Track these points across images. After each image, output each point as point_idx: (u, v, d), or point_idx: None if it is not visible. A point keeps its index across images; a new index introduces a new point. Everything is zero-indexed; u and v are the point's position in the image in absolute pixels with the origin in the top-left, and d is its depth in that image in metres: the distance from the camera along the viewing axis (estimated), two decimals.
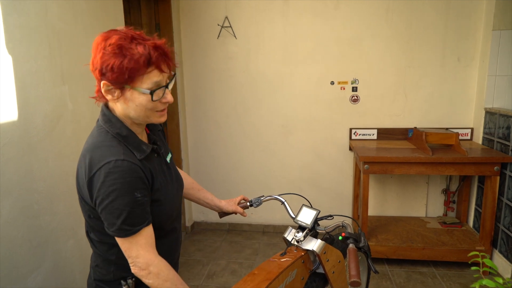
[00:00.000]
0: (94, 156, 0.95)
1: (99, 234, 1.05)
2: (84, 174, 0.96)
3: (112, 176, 0.92)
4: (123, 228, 0.94)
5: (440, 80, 3.07)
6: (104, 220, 0.96)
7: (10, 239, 1.39)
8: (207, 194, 1.49)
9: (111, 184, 0.92)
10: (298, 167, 3.38)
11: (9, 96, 1.39)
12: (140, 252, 0.96)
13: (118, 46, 0.91)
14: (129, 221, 0.94)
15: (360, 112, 3.21)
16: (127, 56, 0.91)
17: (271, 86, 3.27)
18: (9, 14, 1.38)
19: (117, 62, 0.90)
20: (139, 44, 0.92)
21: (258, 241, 3.31)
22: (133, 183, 0.94)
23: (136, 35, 0.94)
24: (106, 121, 1.01)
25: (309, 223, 1.34)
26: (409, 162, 2.63)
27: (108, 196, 0.92)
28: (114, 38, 0.92)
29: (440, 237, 2.86)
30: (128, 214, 0.93)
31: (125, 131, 1.00)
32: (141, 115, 0.99)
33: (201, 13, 3.23)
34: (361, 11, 3.04)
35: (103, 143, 0.97)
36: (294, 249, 1.35)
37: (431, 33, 3.00)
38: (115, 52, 0.91)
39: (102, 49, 0.92)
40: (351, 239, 1.28)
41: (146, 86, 0.95)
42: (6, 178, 1.38)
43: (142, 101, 0.96)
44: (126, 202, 0.93)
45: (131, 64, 0.91)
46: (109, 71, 0.92)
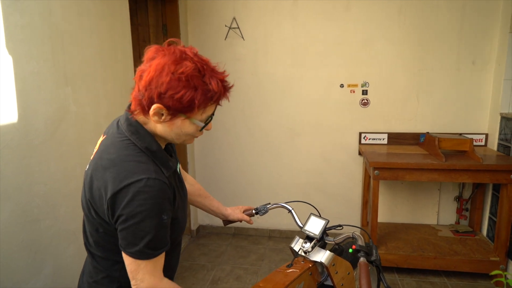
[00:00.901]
0: (121, 171, 0.88)
1: (104, 250, 0.99)
2: (106, 188, 0.88)
3: (143, 196, 0.86)
4: (145, 251, 0.88)
5: (454, 84, 2.97)
6: (122, 239, 0.90)
7: (9, 244, 1.36)
8: (213, 202, 1.46)
9: (140, 204, 0.85)
10: (306, 171, 3.31)
11: (8, 97, 1.35)
12: (146, 276, 0.91)
13: (191, 77, 0.86)
14: (153, 244, 0.89)
15: (370, 115, 3.13)
16: (199, 90, 0.87)
17: (279, 89, 3.21)
18: (10, 14, 1.35)
19: (188, 94, 0.86)
20: (212, 78, 0.89)
21: (264, 246, 3.25)
22: (162, 205, 0.89)
23: (205, 64, 0.90)
24: (133, 132, 0.93)
25: (318, 234, 1.28)
26: (421, 169, 2.54)
27: (134, 216, 0.86)
28: (188, 67, 0.86)
29: (452, 246, 2.77)
30: (152, 237, 0.88)
31: (155, 145, 0.94)
32: (180, 139, 0.97)
33: (208, 14, 3.19)
34: (373, 12, 2.97)
35: (130, 157, 0.90)
36: (302, 260, 1.29)
37: (445, 35, 2.91)
38: (188, 84, 0.86)
39: (171, 73, 0.85)
40: (362, 252, 1.20)
41: (201, 118, 0.93)
42: (6, 182, 1.34)
43: (190, 130, 0.95)
44: (153, 225, 0.87)
45: (201, 99, 0.88)
46: (174, 99, 0.86)
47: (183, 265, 2.93)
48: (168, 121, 0.91)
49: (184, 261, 3.00)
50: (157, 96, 0.87)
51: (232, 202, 3.39)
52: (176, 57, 0.87)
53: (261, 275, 2.77)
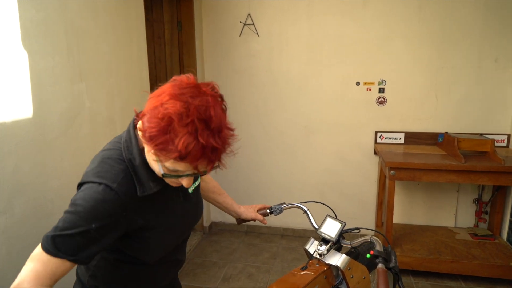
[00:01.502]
0: (93, 168, 0.87)
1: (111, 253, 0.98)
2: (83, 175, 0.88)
3: (90, 196, 0.81)
4: (49, 242, 0.80)
5: (475, 82, 2.88)
6: None
7: (22, 238, 1.37)
8: (227, 199, 1.44)
9: (83, 202, 0.81)
10: (320, 170, 3.26)
11: (24, 93, 1.36)
12: (31, 266, 0.81)
13: (167, 117, 0.75)
14: (60, 242, 0.80)
15: (386, 114, 3.06)
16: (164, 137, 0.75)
17: (294, 86, 3.17)
18: (26, 10, 1.35)
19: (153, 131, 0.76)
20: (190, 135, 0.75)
21: (276, 245, 3.22)
22: (100, 215, 0.81)
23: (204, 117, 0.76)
24: (126, 140, 0.90)
25: (334, 236, 1.24)
26: (439, 169, 2.47)
27: (72, 205, 0.82)
28: (173, 105, 0.75)
29: (471, 250, 2.69)
30: (65, 235, 0.80)
31: (138, 160, 0.87)
32: (155, 171, 0.87)
33: (223, 10, 3.17)
34: (392, 8, 2.89)
35: (110, 160, 0.87)
36: (316, 263, 1.26)
37: (467, 32, 2.81)
38: (159, 120, 0.75)
39: (160, 104, 0.77)
40: (381, 258, 1.15)
41: (166, 165, 0.80)
42: (20, 176, 1.36)
43: (155, 168, 0.85)
44: (76, 225, 0.80)
45: (161, 146, 0.76)
46: (145, 127, 0.77)
47: (195, 262, 2.93)
48: (145, 144, 0.82)
49: (196, 257, 3.01)
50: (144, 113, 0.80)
51: (245, 201, 3.38)
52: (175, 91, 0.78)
53: (273, 273, 2.75)
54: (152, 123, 0.76)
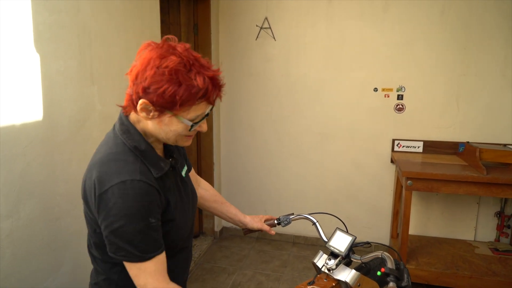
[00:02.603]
0: (107, 171, 0.86)
1: (102, 252, 0.96)
2: (93, 189, 0.87)
3: (127, 198, 0.83)
4: (134, 253, 0.86)
5: (500, 90, 2.76)
6: (108, 244, 0.87)
7: (29, 241, 1.37)
8: (230, 208, 1.37)
9: (124, 208, 0.83)
10: (335, 177, 3.19)
11: (34, 95, 1.36)
12: (149, 280, 0.87)
13: (175, 71, 0.82)
14: (142, 247, 0.86)
15: (405, 122, 2.97)
16: (183, 86, 0.83)
17: (310, 92, 3.12)
18: (39, 12, 1.35)
19: (171, 89, 0.82)
20: (199, 74, 0.84)
21: (287, 252, 3.16)
22: (148, 208, 0.86)
23: (193, 60, 0.85)
24: (124, 131, 0.92)
25: (343, 251, 1.19)
26: (459, 181, 2.37)
27: (119, 219, 0.83)
28: (172, 61, 0.83)
29: (491, 266, 2.56)
30: (140, 241, 0.85)
31: (144, 145, 0.92)
32: (170, 139, 0.92)
33: (240, 14, 3.14)
34: (413, 13, 2.81)
35: (118, 156, 0.89)
36: (324, 278, 1.20)
37: (492, 37, 2.70)
38: (171, 78, 0.82)
39: (155, 67, 0.83)
40: (392, 277, 1.09)
41: (189, 117, 0.88)
42: (29, 179, 1.35)
43: (178, 129, 0.90)
44: (140, 229, 0.85)
45: (185, 95, 0.83)
46: (157, 94, 0.83)
47: (204, 267, 2.90)
48: (157, 117, 0.87)
49: (206, 263, 2.98)
50: (142, 91, 0.85)
51: (258, 207, 3.34)
52: (162, 51, 0.84)
53: (283, 282, 2.69)
54: (162, 85, 0.82)
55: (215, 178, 3.31)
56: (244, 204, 3.37)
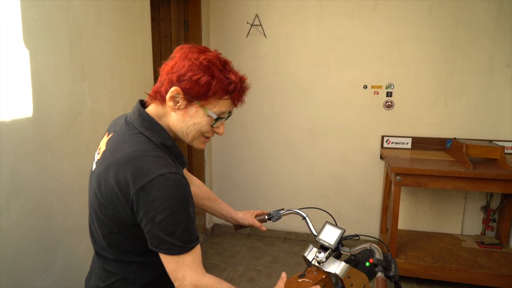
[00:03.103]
0: (142, 167, 0.86)
1: (119, 252, 0.97)
2: (127, 185, 0.85)
3: (168, 190, 0.85)
4: (178, 245, 0.87)
5: (486, 88, 2.82)
6: (153, 238, 0.87)
7: (20, 239, 1.36)
8: (222, 205, 1.38)
9: (167, 199, 0.84)
10: (325, 174, 3.22)
11: (24, 91, 1.35)
12: (187, 273, 0.89)
13: (212, 63, 0.90)
14: (184, 238, 0.88)
15: (394, 119, 3.01)
16: (217, 77, 0.89)
17: (301, 89, 3.14)
18: (28, 8, 1.34)
19: (205, 78, 0.89)
20: (232, 71, 0.93)
21: (278, 248, 3.19)
22: (187, 198, 0.88)
23: (226, 60, 0.94)
24: (148, 128, 0.93)
25: (333, 244, 1.21)
26: (446, 176, 2.42)
27: (162, 212, 0.84)
28: (209, 55, 0.91)
29: (477, 259, 2.63)
30: (183, 231, 0.87)
31: (170, 141, 0.95)
32: (190, 134, 0.95)
33: (231, 11, 3.14)
34: (402, 11, 2.84)
35: (148, 152, 0.89)
36: (315, 271, 1.23)
37: (479, 36, 2.75)
38: (208, 68, 0.89)
39: (194, 58, 0.90)
40: (380, 267, 1.12)
41: (214, 110, 0.93)
42: (19, 176, 1.34)
43: (202, 122, 0.94)
44: (182, 218, 0.87)
45: (218, 85, 0.90)
46: (192, 81, 0.89)
47: None
48: (183, 108, 0.92)
49: None
50: (176, 79, 0.89)
51: (250, 203, 3.35)
52: (200, 49, 0.93)
53: (274, 278, 2.72)
54: (198, 73, 0.88)
55: (206, 175, 3.31)
56: (235, 201, 3.38)
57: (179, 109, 0.92)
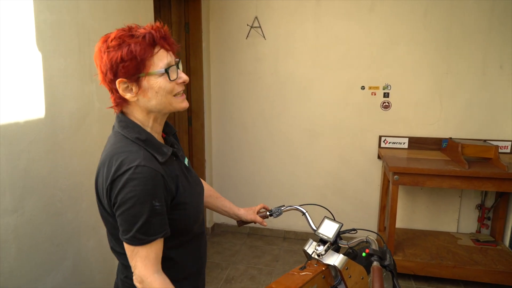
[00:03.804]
0: (115, 162, 0.92)
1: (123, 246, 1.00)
2: (105, 180, 0.93)
3: (132, 182, 0.89)
4: (137, 236, 0.90)
5: (480, 89, 2.89)
6: (119, 226, 0.93)
7: (32, 236, 1.39)
8: (225, 202, 1.43)
9: (130, 191, 0.89)
10: (323, 173, 3.28)
11: (37, 93, 1.39)
12: (138, 264, 0.92)
13: (120, 37, 0.91)
14: (144, 230, 0.90)
15: (391, 119, 3.08)
16: (132, 43, 0.90)
17: (300, 90, 3.19)
18: (41, 11, 1.38)
19: (124, 50, 0.90)
20: (139, 28, 0.94)
21: (278, 247, 3.24)
22: (152, 191, 0.90)
23: (130, 26, 0.94)
24: (124, 127, 0.98)
25: (331, 237, 1.27)
26: (443, 175, 2.49)
27: (125, 202, 0.89)
28: (113, 34, 0.92)
29: (473, 256, 2.70)
30: (144, 223, 0.90)
31: (144, 134, 0.97)
32: (163, 101, 0.97)
33: (230, 13, 3.19)
34: (398, 13, 2.91)
35: (122, 149, 0.94)
36: (315, 263, 1.28)
37: (473, 38, 2.83)
38: (119, 44, 0.90)
39: (106, 49, 0.91)
40: (376, 256, 1.18)
41: (159, 67, 0.94)
42: (32, 175, 1.38)
43: (161, 84, 0.94)
44: (144, 210, 0.89)
45: (137, 47, 0.90)
46: (119, 63, 0.90)
47: None
48: (139, 90, 0.94)
49: None
50: (112, 75, 0.92)
51: (249, 202, 3.40)
52: (103, 38, 0.94)
53: (275, 276, 2.76)
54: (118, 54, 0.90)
55: (206, 174, 3.35)
56: (235, 200, 3.39)
57: (137, 93, 0.94)
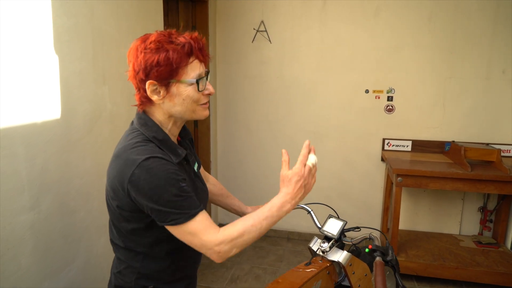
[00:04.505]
0: (130, 156, 0.93)
1: (127, 240, 1.05)
2: (121, 175, 0.93)
3: (153, 171, 0.91)
4: (180, 214, 0.92)
5: (483, 93, 2.93)
6: (157, 215, 0.93)
7: (47, 233, 1.44)
8: (234, 201, 1.50)
9: (154, 179, 0.90)
10: (328, 175, 3.32)
11: (54, 94, 1.43)
12: (203, 239, 0.93)
13: (159, 41, 0.94)
14: (185, 207, 0.93)
15: (394, 122, 3.12)
16: (170, 49, 0.93)
17: (305, 93, 3.24)
18: (59, 16, 1.42)
19: (162, 55, 0.93)
20: (179, 36, 0.96)
21: (282, 248, 3.27)
22: (174, 174, 0.93)
23: (170, 31, 0.98)
24: (142, 124, 1.01)
25: (335, 234, 1.31)
26: (446, 177, 2.52)
27: (154, 191, 0.90)
28: (153, 36, 0.95)
29: (475, 257, 2.73)
30: (181, 202, 0.92)
31: (162, 134, 1.00)
32: (188, 108, 1.00)
33: (237, 17, 3.24)
34: (402, 19, 2.96)
35: (138, 144, 0.96)
36: (320, 260, 1.32)
37: (476, 43, 2.87)
38: (158, 48, 0.93)
39: (143, 49, 0.94)
40: (378, 252, 1.24)
41: (191, 77, 0.97)
42: (47, 174, 1.42)
43: (189, 93, 0.98)
44: (175, 193, 0.92)
45: (175, 54, 0.93)
46: (154, 67, 0.93)
47: (203, 263, 2.98)
48: (167, 95, 0.97)
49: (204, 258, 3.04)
50: (144, 75, 0.95)
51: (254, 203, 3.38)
52: (141, 38, 0.97)
53: (279, 275, 2.80)
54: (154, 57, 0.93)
55: (212, 175, 3.38)
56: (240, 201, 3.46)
57: (164, 97, 0.97)
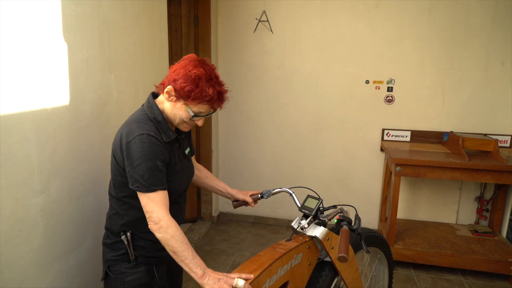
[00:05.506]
0: (132, 128, 1.23)
1: (119, 191, 1.32)
2: (122, 140, 1.22)
3: (142, 144, 1.19)
4: (144, 184, 1.18)
5: (481, 84, 2.97)
6: (130, 178, 1.20)
7: (57, 216, 1.48)
8: (219, 183, 1.66)
9: (140, 150, 1.19)
10: (327, 165, 3.37)
11: (63, 81, 1.47)
12: (155, 208, 1.18)
13: (198, 78, 1.21)
14: (150, 181, 1.19)
15: (394, 112, 3.16)
16: (198, 89, 1.21)
17: (305, 83, 3.27)
18: (67, 4, 1.45)
19: (189, 87, 1.21)
20: (212, 86, 1.23)
21: (283, 236, 3.33)
22: (156, 153, 1.21)
23: (214, 76, 1.25)
24: (149, 107, 1.31)
25: (312, 211, 1.43)
26: (444, 167, 2.57)
27: (137, 159, 1.18)
28: (199, 71, 1.22)
29: (471, 246, 2.79)
30: (149, 175, 1.18)
31: (160, 117, 1.29)
32: (175, 119, 1.30)
33: (239, 6, 3.26)
34: (403, 10, 2.98)
35: (140, 120, 1.26)
36: (300, 237, 1.44)
37: (476, 34, 2.90)
38: (194, 81, 1.21)
39: (188, 71, 1.22)
40: (345, 222, 1.36)
41: (194, 110, 1.26)
42: (57, 160, 1.46)
43: (183, 115, 1.27)
44: (150, 166, 1.19)
45: (197, 95, 1.22)
46: (180, 87, 1.22)
47: (204, 249, 3.05)
48: (173, 102, 1.26)
49: (205, 245, 3.12)
50: (173, 80, 1.24)
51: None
52: (196, 63, 1.25)
53: None
54: (187, 83, 1.21)
55: (213, 164, 3.44)
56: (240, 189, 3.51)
57: (171, 101, 1.26)
